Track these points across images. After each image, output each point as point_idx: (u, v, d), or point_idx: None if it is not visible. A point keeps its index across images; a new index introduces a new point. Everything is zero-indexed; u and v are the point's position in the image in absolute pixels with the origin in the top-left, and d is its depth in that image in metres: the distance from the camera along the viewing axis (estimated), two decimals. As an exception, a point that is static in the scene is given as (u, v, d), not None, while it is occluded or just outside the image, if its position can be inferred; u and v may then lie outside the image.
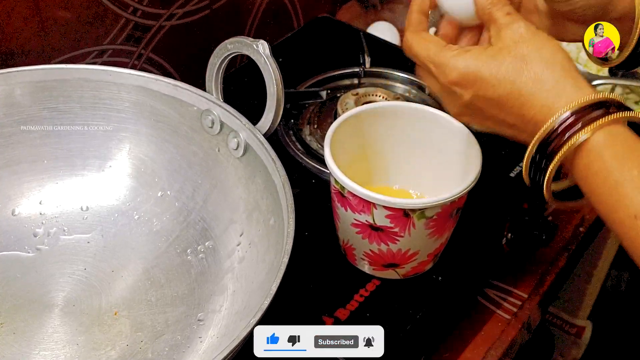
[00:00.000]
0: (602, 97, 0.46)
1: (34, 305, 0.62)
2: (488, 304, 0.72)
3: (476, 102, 0.50)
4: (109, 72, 0.68)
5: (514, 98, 0.48)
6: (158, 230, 0.68)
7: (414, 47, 0.53)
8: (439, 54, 0.52)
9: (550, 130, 0.46)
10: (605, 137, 0.45)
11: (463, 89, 0.50)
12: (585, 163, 0.46)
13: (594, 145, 0.45)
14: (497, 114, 0.50)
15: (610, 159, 0.45)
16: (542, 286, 0.75)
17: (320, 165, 0.75)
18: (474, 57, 0.50)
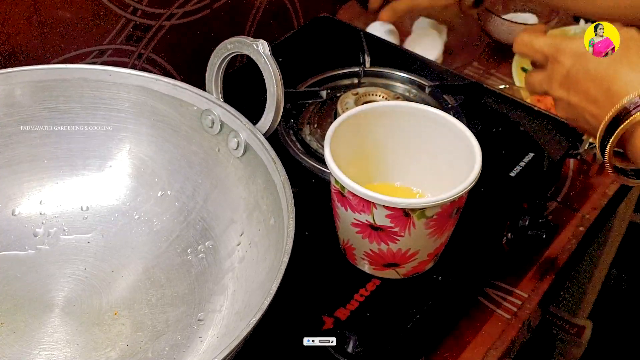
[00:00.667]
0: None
1: (34, 305, 0.62)
2: (488, 303, 0.72)
3: (576, 72, 0.63)
4: (109, 72, 0.68)
5: (609, 75, 0.60)
6: (158, 230, 0.68)
7: (534, 41, 0.69)
8: (555, 40, 0.67)
9: (622, 106, 0.57)
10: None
11: (568, 59, 0.64)
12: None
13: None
14: (589, 87, 0.61)
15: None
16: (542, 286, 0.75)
17: (321, 165, 0.75)
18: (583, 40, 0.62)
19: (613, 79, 0.59)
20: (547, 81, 0.67)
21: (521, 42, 0.70)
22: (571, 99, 0.65)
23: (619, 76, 0.59)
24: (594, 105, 0.62)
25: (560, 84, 0.65)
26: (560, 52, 0.65)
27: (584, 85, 0.62)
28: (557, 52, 0.66)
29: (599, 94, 0.61)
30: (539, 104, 0.89)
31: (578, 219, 0.83)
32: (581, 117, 0.65)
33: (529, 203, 0.77)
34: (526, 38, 0.70)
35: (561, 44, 0.66)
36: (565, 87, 0.65)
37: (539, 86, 0.69)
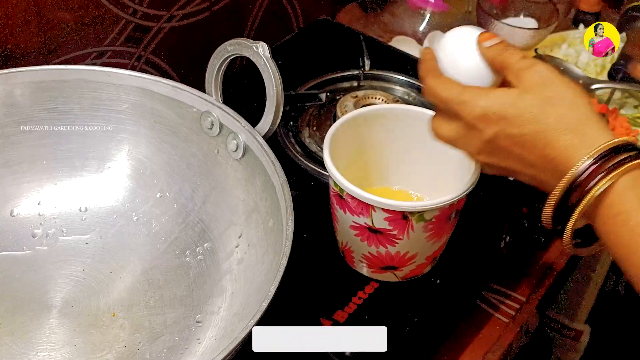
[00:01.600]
0: (622, 141, 0.47)
1: (32, 306, 0.62)
2: (486, 307, 0.72)
3: (499, 139, 0.51)
4: (109, 73, 0.68)
5: (539, 138, 0.49)
6: (157, 231, 0.68)
7: (437, 89, 0.54)
8: (463, 92, 0.52)
9: (572, 180, 0.47)
10: (627, 180, 0.46)
11: (487, 126, 0.51)
12: (607, 204, 0.47)
13: (616, 189, 0.46)
14: (520, 153, 0.50)
15: (633, 200, 0.46)
16: (540, 290, 0.75)
17: (319, 168, 0.75)
18: (498, 96, 0.51)
19: (546, 144, 0.49)
20: (463, 143, 0.54)
21: (427, 88, 0.55)
22: (501, 164, 0.53)
23: (552, 140, 0.49)
24: (531, 168, 0.51)
25: (481, 151, 0.53)
26: (465, 108, 0.52)
27: (514, 151, 0.51)
28: (461, 106, 0.52)
29: (535, 158, 0.50)
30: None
31: (576, 223, 0.83)
32: (519, 177, 0.53)
33: (527, 207, 0.77)
34: (431, 83, 0.54)
35: (471, 102, 0.52)
36: (488, 153, 0.53)
37: (448, 140, 0.55)
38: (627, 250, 0.46)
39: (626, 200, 0.46)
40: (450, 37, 0.55)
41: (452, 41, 0.55)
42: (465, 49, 0.54)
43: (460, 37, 0.55)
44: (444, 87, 0.53)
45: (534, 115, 0.49)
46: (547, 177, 0.50)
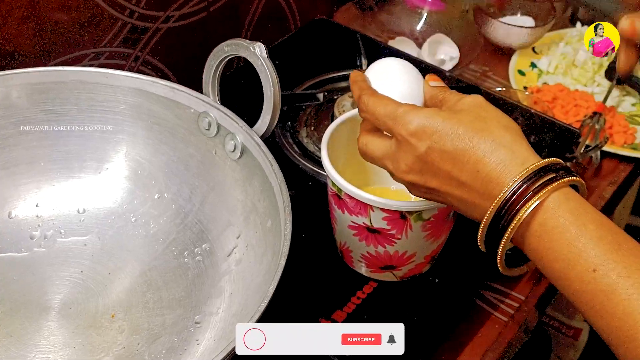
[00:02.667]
0: (551, 161, 0.48)
1: (31, 307, 0.62)
2: (485, 306, 0.72)
3: (431, 154, 0.50)
4: (106, 74, 0.68)
5: (472, 153, 0.49)
6: (155, 232, 0.68)
7: (371, 106, 0.54)
8: (398, 108, 0.52)
9: (503, 202, 0.47)
10: (558, 196, 0.47)
11: (420, 140, 0.50)
12: (540, 222, 0.47)
13: (547, 206, 0.46)
14: (450, 169, 0.50)
15: (566, 214, 0.46)
16: (539, 288, 0.75)
17: (317, 168, 0.75)
18: (433, 112, 0.51)
19: (478, 160, 0.48)
20: (392, 160, 0.53)
21: (362, 105, 0.55)
22: (429, 184, 0.52)
23: (485, 156, 0.48)
24: (460, 188, 0.50)
25: (411, 168, 0.52)
26: (399, 123, 0.51)
27: (444, 168, 0.50)
28: (395, 122, 0.52)
29: (465, 176, 0.49)
30: (536, 106, 0.89)
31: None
32: (446, 200, 0.53)
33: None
34: (366, 100, 0.54)
35: (406, 116, 0.51)
36: (417, 171, 0.52)
37: (377, 157, 0.55)
38: (566, 264, 0.45)
39: (560, 214, 0.46)
40: (382, 65, 0.57)
41: (384, 69, 0.57)
42: (397, 79, 0.56)
43: (391, 67, 0.57)
44: (380, 103, 0.54)
45: (467, 130, 0.49)
46: (475, 197, 0.49)
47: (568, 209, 0.46)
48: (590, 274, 0.44)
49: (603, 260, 0.44)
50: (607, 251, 0.45)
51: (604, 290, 0.44)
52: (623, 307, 0.43)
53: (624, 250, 0.45)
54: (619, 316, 0.43)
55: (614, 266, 0.44)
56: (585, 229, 0.45)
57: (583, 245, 0.45)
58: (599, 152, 0.86)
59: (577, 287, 0.45)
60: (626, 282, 0.43)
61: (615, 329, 0.43)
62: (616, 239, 0.45)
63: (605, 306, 0.44)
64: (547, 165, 0.47)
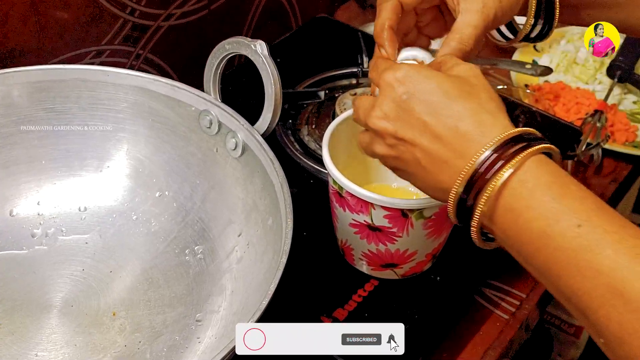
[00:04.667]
0: (530, 130, 0.47)
1: (32, 306, 0.62)
2: (486, 303, 0.72)
3: (412, 101, 0.49)
4: (107, 72, 0.68)
5: (454, 109, 0.48)
6: (156, 230, 0.68)
7: (378, 63, 0.54)
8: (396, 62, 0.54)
9: (481, 162, 0.46)
10: (539, 158, 0.46)
11: (403, 85, 0.50)
12: (521, 180, 0.45)
13: (530, 165, 0.45)
14: (428, 120, 0.48)
15: (548, 175, 0.45)
16: (540, 286, 0.74)
17: (319, 166, 0.75)
18: (425, 67, 0.53)
19: (460, 118, 0.47)
20: (369, 108, 0.51)
21: (372, 66, 0.55)
22: (400, 133, 0.49)
23: (468, 115, 0.47)
24: (434, 143, 0.48)
25: (386, 114, 0.50)
26: (395, 76, 0.50)
27: (422, 118, 0.48)
28: (390, 74, 0.50)
29: (445, 130, 0.47)
30: (537, 104, 0.89)
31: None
32: (411, 158, 0.50)
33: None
34: (376, 60, 0.55)
35: (397, 65, 0.51)
36: (392, 117, 0.50)
37: (358, 113, 0.53)
38: (547, 222, 0.44)
39: (541, 174, 0.45)
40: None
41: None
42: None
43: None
44: (384, 60, 0.55)
45: (454, 89, 0.48)
46: (448, 155, 0.47)
47: (549, 170, 0.45)
48: (575, 230, 0.43)
49: (588, 217, 0.43)
50: (591, 209, 0.43)
51: (589, 246, 0.42)
52: (610, 262, 0.41)
53: (607, 210, 0.44)
54: (606, 272, 0.41)
55: (599, 222, 0.43)
56: (568, 189, 0.45)
57: (567, 202, 0.44)
58: (600, 150, 0.86)
59: (559, 245, 0.43)
60: (612, 237, 0.42)
61: (601, 287, 0.41)
62: (597, 200, 0.45)
63: (590, 262, 0.42)
64: (528, 132, 0.47)
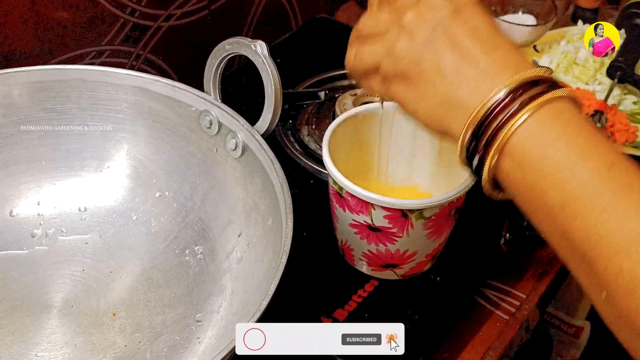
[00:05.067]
0: (540, 74, 0.43)
1: (32, 306, 0.62)
2: (486, 304, 0.72)
3: (456, 22, 0.45)
4: (107, 72, 0.68)
5: (499, 37, 0.45)
6: (156, 230, 0.68)
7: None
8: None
9: (484, 113, 0.43)
10: (570, 101, 0.43)
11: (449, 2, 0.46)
12: (554, 112, 0.42)
13: (563, 104, 0.42)
14: (468, 46, 0.45)
15: (579, 115, 0.42)
16: (540, 286, 0.75)
17: (319, 166, 0.75)
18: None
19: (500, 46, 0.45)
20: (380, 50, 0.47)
21: None
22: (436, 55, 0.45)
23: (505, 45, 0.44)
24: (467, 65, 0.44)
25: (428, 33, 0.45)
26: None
27: (463, 40, 0.44)
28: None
29: (483, 57, 0.44)
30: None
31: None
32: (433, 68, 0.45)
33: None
34: None
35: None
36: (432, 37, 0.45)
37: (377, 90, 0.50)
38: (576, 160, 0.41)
39: (573, 112, 0.42)
40: None
41: None
42: None
43: None
44: None
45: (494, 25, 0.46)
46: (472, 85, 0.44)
47: (578, 112, 0.43)
48: (605, 172, 0.40)
49: (619, 158, 0.40)
50: (619, 153, 0.41)
51: (623, 187, 0.39)
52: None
53: (631, 159, 0.41)
54: (633, 217, 0.38)
55: (630, 163, 0.40)
56: (597, 130, 0.42)
57: (598, 141, 0.41)
58: (601, 151, 0.86)
59: (582, 180, 0.40)
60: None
61: (622, 232, 0.38)
62: (618, 149, 0.42)
63: (622, 201, 0.39)
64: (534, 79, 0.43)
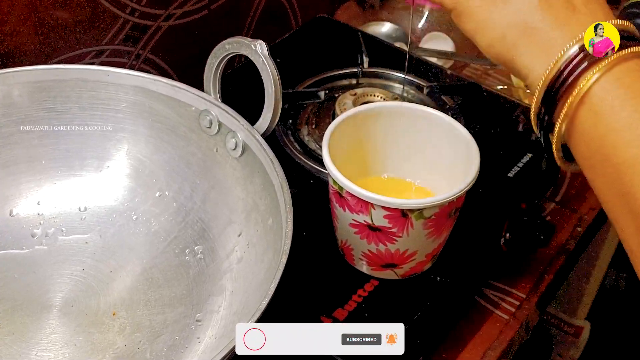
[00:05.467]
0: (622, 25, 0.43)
1: (32, 305, 0.62)
2: (486, 304, 0.72)
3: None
4: (107, 72, 0.68)
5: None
6: (156, 230, 0.68)
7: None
8: None
9: (563, 65, 0.42)
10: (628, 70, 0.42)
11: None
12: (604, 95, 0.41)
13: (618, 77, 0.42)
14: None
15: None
16: (540, 286, 0.75)
17: (319, 166, 0.75)
18: None
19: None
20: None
21: None
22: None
23: None
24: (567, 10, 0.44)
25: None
26: None
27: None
28: None
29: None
30: (537, 104, 0.89)
31: (576, 220, 0.83)
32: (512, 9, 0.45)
33: (527, 203, 0.77)
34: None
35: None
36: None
37: None
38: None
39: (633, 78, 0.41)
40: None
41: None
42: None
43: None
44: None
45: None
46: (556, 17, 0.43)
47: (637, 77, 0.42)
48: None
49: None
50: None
51: None
52: None
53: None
54: None
55: None
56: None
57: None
58: (601, 150, 0.86)
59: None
60: None
61: None
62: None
63: None
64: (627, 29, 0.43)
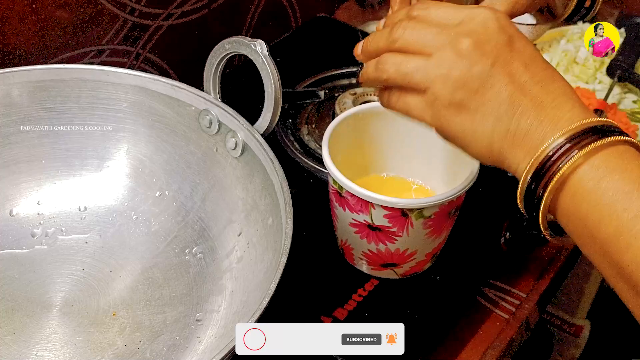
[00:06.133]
0: (600, 121, 0.44)
1: (32, 305, 0.62)
2: (486, 303, 0.72)
3: (513, 54, 0.45)
4: (107, 72, 0.68)
5: (548, 65, 0.46)
6: (156, 230, 0.68)
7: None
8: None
9: (545, 157, 0.44)
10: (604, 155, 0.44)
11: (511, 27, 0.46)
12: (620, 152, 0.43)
13: (594, 162, 0.43)
14: (527, 80, 0.45)
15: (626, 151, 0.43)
16: (540, 285, 0.75)
17: (319, 165, 0.75)
18: None
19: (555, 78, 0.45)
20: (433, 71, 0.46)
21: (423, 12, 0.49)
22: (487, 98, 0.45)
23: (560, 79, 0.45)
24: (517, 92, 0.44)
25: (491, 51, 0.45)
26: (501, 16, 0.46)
27: (517, 64, 0.45)
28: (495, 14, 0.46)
29: (534, 87, 0.45)
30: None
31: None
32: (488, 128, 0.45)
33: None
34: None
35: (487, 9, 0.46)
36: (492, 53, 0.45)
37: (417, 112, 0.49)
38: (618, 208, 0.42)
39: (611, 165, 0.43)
40: None
41: None
42: None
43: None
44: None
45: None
46: (534, 123, 0.44)
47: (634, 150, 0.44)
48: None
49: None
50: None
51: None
52: None
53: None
54: None
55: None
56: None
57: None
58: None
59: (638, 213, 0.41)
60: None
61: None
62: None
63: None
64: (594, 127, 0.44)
